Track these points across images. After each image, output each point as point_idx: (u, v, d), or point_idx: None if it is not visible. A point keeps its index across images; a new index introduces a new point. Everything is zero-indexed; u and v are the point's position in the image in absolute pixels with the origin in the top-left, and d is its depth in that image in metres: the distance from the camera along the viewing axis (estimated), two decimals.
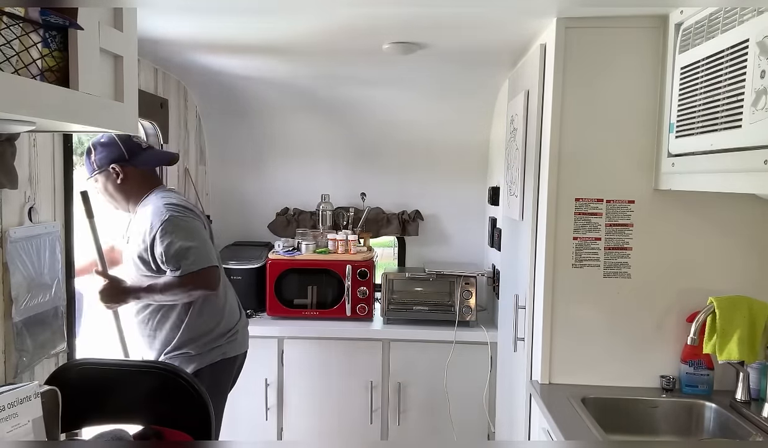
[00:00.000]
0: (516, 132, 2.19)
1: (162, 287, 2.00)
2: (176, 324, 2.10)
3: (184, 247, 1.97)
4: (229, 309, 2.24)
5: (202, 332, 2.12)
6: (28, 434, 1.23)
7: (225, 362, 2.19)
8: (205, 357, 2.12)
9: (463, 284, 2.79)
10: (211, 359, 2.14)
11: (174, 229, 1.98)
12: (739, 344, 1.60)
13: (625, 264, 1.82)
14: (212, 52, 2.29)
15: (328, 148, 3.25)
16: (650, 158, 1.77)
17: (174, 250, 1.96)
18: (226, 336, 2.19)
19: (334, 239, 2.90)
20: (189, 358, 2.11)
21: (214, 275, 2.05)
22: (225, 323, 2.20)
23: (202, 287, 2.02)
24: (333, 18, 1.83)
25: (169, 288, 1.99)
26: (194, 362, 2.11)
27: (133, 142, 2.11)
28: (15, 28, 0.97)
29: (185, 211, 2.07)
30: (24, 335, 1.53)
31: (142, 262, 2.04)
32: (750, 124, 1.22)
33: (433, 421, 2.77)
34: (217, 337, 2.16)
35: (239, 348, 2.25)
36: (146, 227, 2.01)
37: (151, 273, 2.04)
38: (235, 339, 2.23)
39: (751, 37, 1.23)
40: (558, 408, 1.66)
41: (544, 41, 1.86)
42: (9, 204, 1.51)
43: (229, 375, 2.25)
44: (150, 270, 2.04)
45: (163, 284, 2.00)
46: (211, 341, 2.14)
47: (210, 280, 2.03)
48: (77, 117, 1.12)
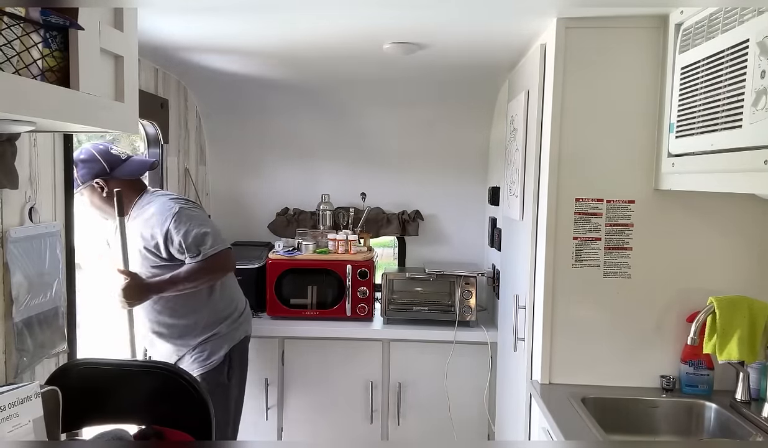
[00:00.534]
0: (516, 132, 2.19)
1: (185, 275, 2.10)
2: (199, 308, 2.20)
3: (201, 232, 2.09)
4: (239, 290, 2.41)
5: (226, 313, 2.27)
6: (28, 434, 1.23)
7: (247, 339, 2.37)
8: (234, 335, 2.28)
9: (463, 284, 2.79)
10: (238, 336, 2.30)
11: (187, 218, 2.10)
12: (739, 344, 1.60)
13: (625, 264, 1.82)
14: (212, 52, 2.29)
15: (328, 148, 3.25)
16: (650, 158, 1.77)
17: (192, 237, 2.08)
18: (244, 314, 2.37)
19: (334, 239, 2.90)
20: (221, 339, 2.23)
21: (231, 256, 2.21)
22: (240, 302, 2.38)
23: (222, 268, 2.18)
24: (333, 18, 1.83)
25: (192, 274, 2.10)
26: (226, 343, 2.24)
27: (113, 156, 2.15)
28: (15, 28, 0.97)
29: (189, 202, 2.22)
30: (24, 335, 1.53)
31: (152, 254, 2.12)
32: (750, 124, 1.22)
33: (433, 421, 2.77)
34: (238, 315, 2.32)
35: (251, 328, 2.43)
36: (155, 223, 2.10)
37: (162, 263, 2.13)
38: (250, 317, 2.43)
39: (751, 37, 1.23)
40: (558, 408, 1.66)
41: (544, 41, 1.86)
42: (9, 204, 1.51)
43: (247, 351, 2.41)
44: (161, 260, 2.13)
45: (186, 272, 2.10)
46: (234, 320, 2.30)
47: (229, 261, 2.20)
48: (77, 117, 1.12)
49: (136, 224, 2.15)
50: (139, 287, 2.05)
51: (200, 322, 2.20)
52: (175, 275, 2.09)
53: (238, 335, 2.30)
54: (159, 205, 2.15)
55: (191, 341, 2.20)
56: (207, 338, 2.21)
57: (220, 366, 2.21)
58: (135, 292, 2.04)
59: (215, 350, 2.21)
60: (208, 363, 2.19)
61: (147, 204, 2.18)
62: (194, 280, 2.11)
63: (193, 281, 2.11)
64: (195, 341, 2.20)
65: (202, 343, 2.20)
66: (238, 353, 2.30)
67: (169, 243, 2.09)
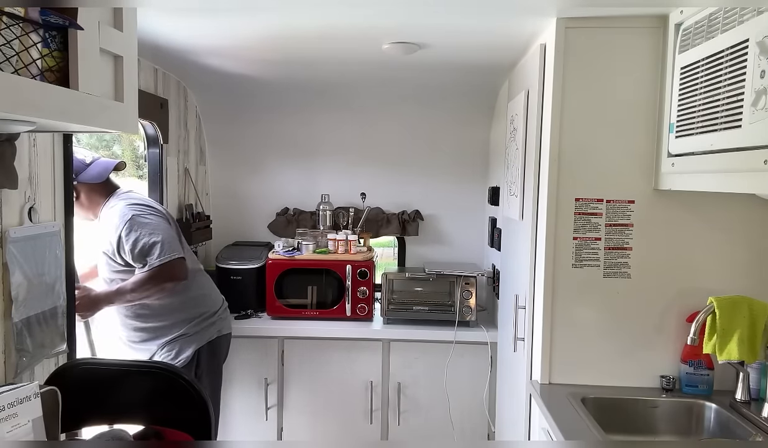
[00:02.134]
0: (516, 132, 2.19)
1: (132, 286, 2.09)
2: (167, 310, 2.20)
3: (149, 243, 2.08)
4: (212, 292, 2.42)
5: (195, 312, 2.27)
6: (28, 434, 1.23)
7: (221, 339, 2.37)
8: (203, 335, 2.28)
9: (463, 284, 2.78)
10: (209, 336, 2.30)
11: (137, 226, 2.09)
12: (739, 344, 1.59)
13: (625, 264, 1.82)
14: (212, 52, 2.29)
15: (328, 148, 3.25)
16: (650, 158, 1.77)
17: (139, 247, 2.07)
18: (217, 314, 2.37)
19: (334, 239, 2.90)
20: (188, 339, 2.23)
21: (181, 266, 2.15)
22: (212, 303, 2.37)
23: (170, 279, 2.12)
24: (333, 17, 1.83)
25: (139, 285, 2.09)
26: (194, 342, 2.24)
27: (77, 161, 2.13)
28: (15, 28, 0.97)
29: (146, 209, 2.18)
30: (24, 335, 1.53)
31: (111, 260, 2.14)
32: (750, 124, 1.22)
33: (433, 421, 2.77)
34: (209, 315, 2.32)
35: (228, 327, 2.44)
36: (111, 228, 2.11)
37: (123, 268, 2.14)
38: (226, 317, 2.45)
39: (750, 37, 1.23)
40: (558, 408, 1.66)
41: (544, 41, 1.86)
42: (9, 204, 1.51)
43: (224, 352, 2.43)
44: (120, 266, 2.14)
45: (132, 284, 2.10)
46: (204, 319, 2.30)
47: (177, 271, 2.13)
48: (77, 117, 1.12)
49: (101, 229, 2.16)
50: (89, 299, 2.07)
51: (168, 323, 2.21)
52: (122, 287, 2.10)
53: (209, 334, 2.30)
54: (116, 211, 2.15)
55: (159, 340, 2.22)
56: (175, 337, 2.22)
57: (188, 366, 2.22)
58: (85, 304, 2.06)
59: (183, 349, 2.22)
60: (176, 362, 2.20)
61: (112, 207, 2.18)
62: (141, 291, 2.09)
63: (140, 292, 2.10)
64: (160, 340, 2.22)
65: (170, 342, 2.22)
66: (209, 353, 2.29)
67: (121, 250, 2.10)
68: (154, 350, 2.23)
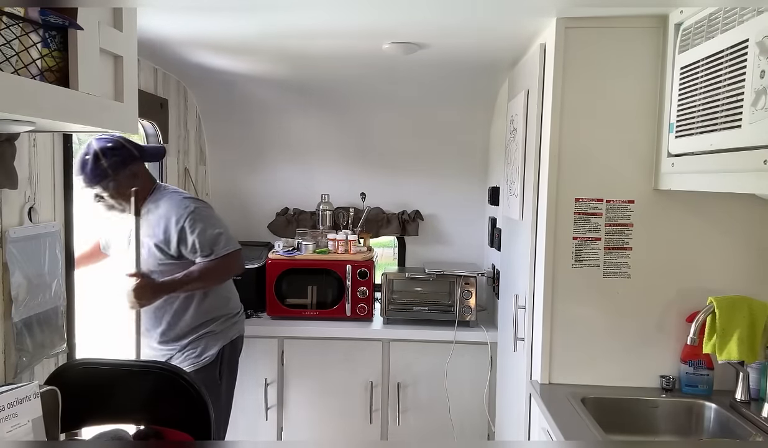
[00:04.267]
0: (516, 132, 2.19)
1: (198, 274, 2.11)
2: (195, 306, 2.20)
3: (215, 233, 2.13)
4: (235, 292, 2.42)
5: (221, 311, 2.27)
6: (27, 434, 1.23)
7: (240, 340, 2.38)
8: (227, 334, 2.28)
9: (463, 284, 2.78)
10: (231, 335, 2.30)
11: (202, 218, 2.12)
12: (739, 344, 1.59)
13: (625, 264, 1.82)
14: (212, 52, 2.29)
15: (328, 148, 3.25)
16: (650, 158, 1.77)
17: (207, 237, 2.10)
18: (239, 314, 2.38)
19: (334, 239, 2.89)
20: (215, 336, 2.23)
21: (241, 257, 2.23)
22: (235, 302, 2.39)
23: (233, 268, 2.21)
24: (333, 17, 1.83)
25: (205, 274, 2.11)
26: (219, 340, 2.24)
27: (133, 142, 2.14)
28: (15, 28, 0.97)
29: (202, 202, 2.24)
30: (24, 335, 1.53)
31: (161, 252, 2.12)
32: (750, 124, 1.22)
33: (433, 421, 2.77)
34: (233, 314, 2.33)
35: (244, 328, 2.44)
36: (169, 221, 2.10)
37: (169, 261, 2.13)
38: (243, 317, 2.45)
39: (750, 37, 1.23)
40: (558, 408, 1.66)
41: (544, 41, 1.86)
42: (9, 204, 1.51)
43: (240, 352, 2.42)
44: (170, 258, 2.13)
45: (199, 272, 2.11)
46: (229, 318, 2.31)
47: (240, 261, 2.23)
48: (77, 117, 1.12)
49: (147, 220, 2.11)
50: (151, 287, 2.02)
51: (190, 323, 2.19)
52: (188, 274, 2.08)
53: (232, 333, 2.30)
54: (172, 203, 2.13)
55: (179, 341, 2.18)
56: (200, 335, 2.19)
57: (213, 363, 2.20)
58: (146, 292, 2.01)
59: (209, 346, 2.20)
60: (201, 360, 2.18)
61: (158, 200, 2.15)
62: (206, 279, 2.13)
63: (205, 280, 2.13)
64: (184, 340, 2.18)
65: (195, 340, 2.19)
66: (230, 352, 2.30)
67: (182, 242, 2.09)
68: (174, 352, 2.18)
